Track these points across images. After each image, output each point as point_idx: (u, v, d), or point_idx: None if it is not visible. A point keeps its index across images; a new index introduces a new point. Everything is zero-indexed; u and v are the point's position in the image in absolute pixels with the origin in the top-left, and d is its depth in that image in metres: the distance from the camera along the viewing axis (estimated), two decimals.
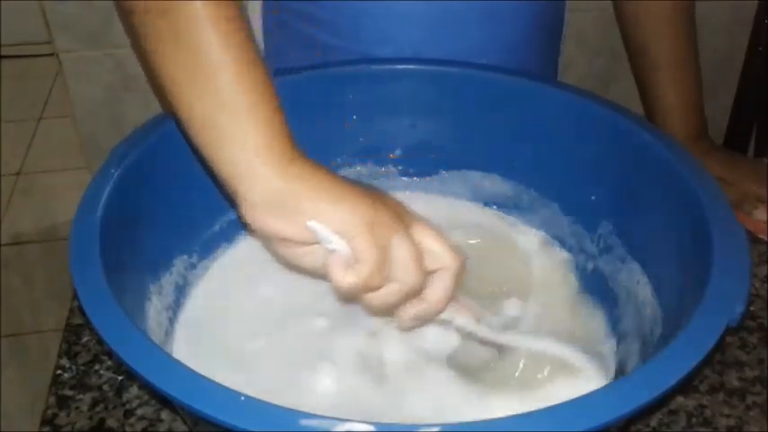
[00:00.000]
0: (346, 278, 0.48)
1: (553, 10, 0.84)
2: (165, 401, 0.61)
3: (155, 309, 0.59)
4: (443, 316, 0.55)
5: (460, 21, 0.77)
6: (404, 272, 0.49)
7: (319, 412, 0.40)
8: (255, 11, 0.87)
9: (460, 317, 0.56)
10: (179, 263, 0.64)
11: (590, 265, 0.68)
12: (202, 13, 0.47)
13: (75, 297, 0.62)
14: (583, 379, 0.55)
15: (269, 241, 0.51)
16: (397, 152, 0.71)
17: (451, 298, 0.53)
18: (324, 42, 0.78)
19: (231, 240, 0.69)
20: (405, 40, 0.76)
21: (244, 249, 0.69)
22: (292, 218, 0.48)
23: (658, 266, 0.61)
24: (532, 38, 0.81)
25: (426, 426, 0.40)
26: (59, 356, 0.66)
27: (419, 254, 0.50)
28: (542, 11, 0.81)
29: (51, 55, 1.36)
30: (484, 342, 0.58)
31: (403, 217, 0.51)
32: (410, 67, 0.72)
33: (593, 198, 0.68)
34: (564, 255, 0.71)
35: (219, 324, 0.63)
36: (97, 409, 0.62)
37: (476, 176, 0.74)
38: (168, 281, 0.63)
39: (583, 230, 0.69)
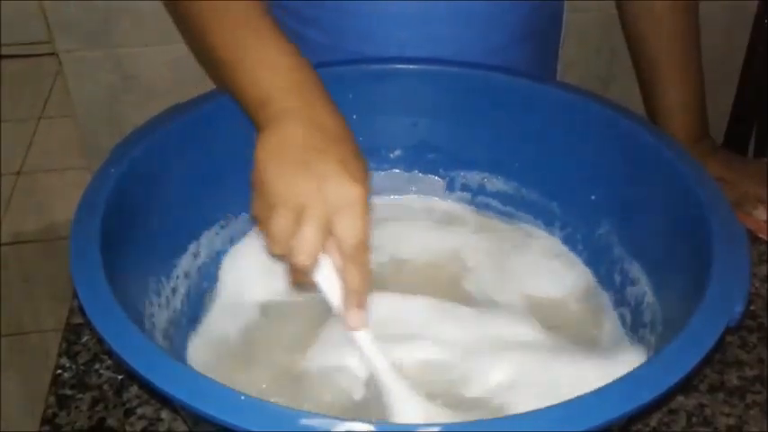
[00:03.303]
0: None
1: (544, 13, 0.83)
2: (165, 401, 0.61)
3: (154, 308, 0.59)
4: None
5: (441, 21, 0.77)
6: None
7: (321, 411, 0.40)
8: None
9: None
10: (178, 263, 0.64)
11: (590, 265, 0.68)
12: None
13: (75, 297, 0.62)
14: None
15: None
16: (397, 152, 0.71)
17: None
18: (310, 39, 0.78)
19: (231, 241, 0.69)
20: (387, 39, 0.76)
21: (243, 250, 0.69)
22: None
23: (658, 266, 0.61)
24: (519, 40, 0.80)
25: (426, 425, 0.40)
26: (59, 356, 0.66)
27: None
28: (529, 14, 0.80)
29: (51, 55, 1.35)
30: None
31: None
32: (410, 66, 0.72)
33: (593, 198, 0.68)
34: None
35: (219, 324, 0.63)
36: (97, 408, 0.62)
37: (476, 176, 0.74)
38: (168, 281, 0.63)
39: (583, 230, 0.69)
